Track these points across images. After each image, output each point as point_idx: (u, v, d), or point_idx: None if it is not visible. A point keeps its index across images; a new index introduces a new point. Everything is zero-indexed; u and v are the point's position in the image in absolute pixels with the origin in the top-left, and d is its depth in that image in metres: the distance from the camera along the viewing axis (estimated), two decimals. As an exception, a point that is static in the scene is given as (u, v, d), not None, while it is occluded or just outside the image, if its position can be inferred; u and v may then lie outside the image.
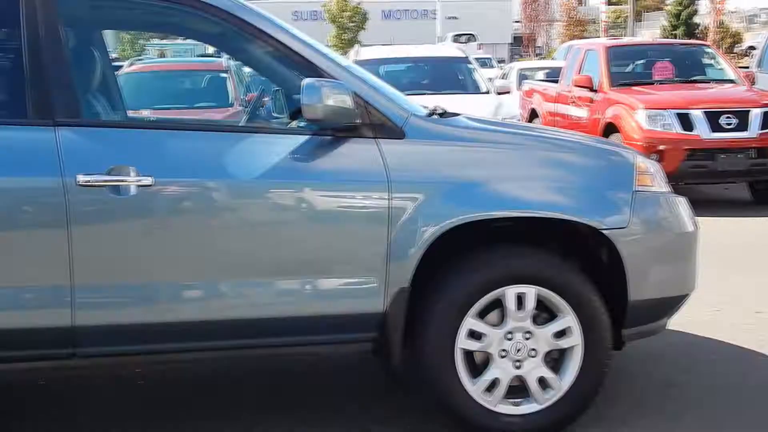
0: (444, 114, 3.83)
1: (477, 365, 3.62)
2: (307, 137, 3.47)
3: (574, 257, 3.81)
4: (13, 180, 3.26)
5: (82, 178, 3.23)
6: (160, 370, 4.39)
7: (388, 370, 3.67)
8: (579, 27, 50.30)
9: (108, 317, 3.36)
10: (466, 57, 12.17)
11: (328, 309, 3.49)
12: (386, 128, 3.49)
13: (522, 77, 17.61)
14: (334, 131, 3.44)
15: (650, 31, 46.48)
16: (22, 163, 3.26)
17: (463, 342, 3.55)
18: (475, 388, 3.58)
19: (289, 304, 3.49)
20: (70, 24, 3.60)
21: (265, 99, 4.73)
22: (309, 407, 4.07)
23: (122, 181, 3.27)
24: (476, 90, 11.14)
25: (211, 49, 18.22)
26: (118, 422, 3.94)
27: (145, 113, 7.71)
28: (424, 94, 9.54)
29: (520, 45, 55.84)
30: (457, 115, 3.91)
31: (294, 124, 3.71)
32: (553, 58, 23.98)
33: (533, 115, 13.70)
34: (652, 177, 3.81)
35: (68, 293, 3.27)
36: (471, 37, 44.44)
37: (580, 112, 11.40)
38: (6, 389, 4.27)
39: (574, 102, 11.70)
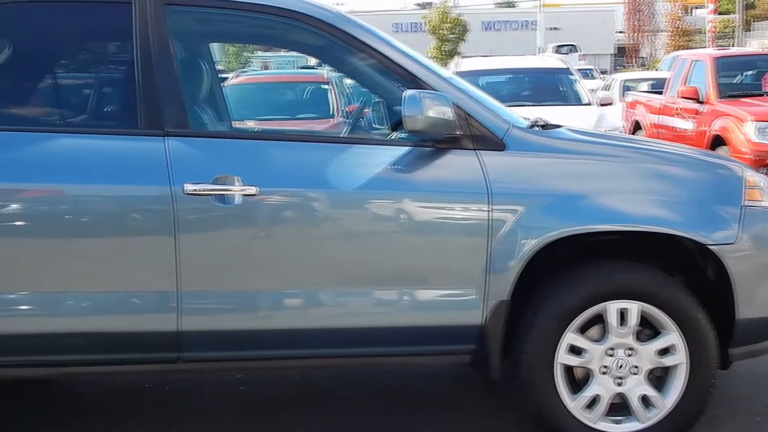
0: (545, 126, 3.80)
1: (577, 381, 3.57)
2: (407, 148, 3.49)
3: (678, 273, 3.71)
4: (124, 188, 3.37)
5: (189, 187, 3.32)
6: (260, 376, 4.48)
7: (485, 383, 3.64)
8: (685, 37, 49.08)
9: (211, 323, 3.44)
10: (568, 68, 12.02)
11: (425, 320, 3.49)
12: (487, 140, 3.48)
13: (625, 88, 17.31)
14: (434, 142, 3.45)
15: (760, 41, 45.00)
16: (132, 171, 3.37)
17: (563, 357, 3.50)
18: (574, 405, 3.53)
19: (387, 315, 3.50)
20: (180, 38, 3.71)
21: (366, 110, 4.77)
22: (405, 419, 4.07)
23: (227, 190, 3.34)
24: (578, 101, 10.99)
25: (313, 61, 18.49)
26: (222, 426, 4.02)
27: (250, 124, 7.86)
28: (525, 105, 9.45)
29: (623, 55, 54.81)
30: (558, 126, 3.88)
31: (395, 135, 3.72)
32: (657, 69, 23.49)
33: (637, 127, 13.43)
34: (762, 192, 3.69)
35: (175, 299, 3.36)
36: (573, 48, 43.89)
37: (686, 124, 11.12)
38: (114, 391, 4.41)
39: (679, 114, 11.42)
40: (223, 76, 12.13)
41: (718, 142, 9.89)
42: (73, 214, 3.36)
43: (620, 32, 56.18)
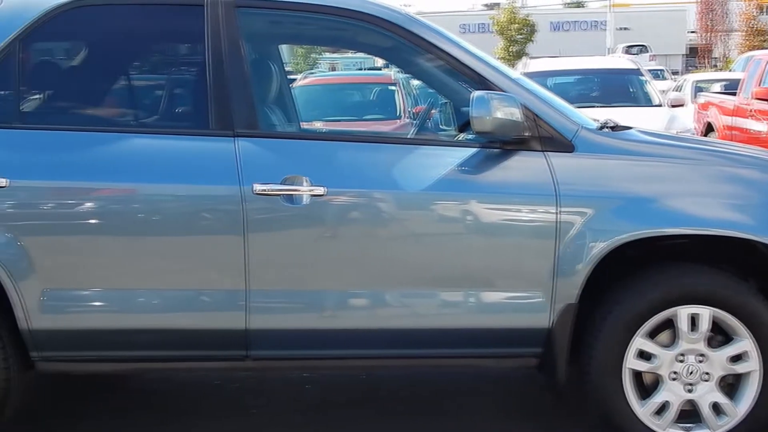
0: (615, 127, 3.75)
1: (646, 387, 3.51)
2: (475, 150, 3.48)
3: (751, 278, 3.63)
4: (195, 188, 3.43)
5: (258, 187, 3.36)
6: (326, 375, 4.52)
7: (552, 387, 3.61)
8: (759, 37, 47.90)
9: (279, 322, 3.48)
10: (638, 69, 11.84)
11: (492, 322, 3.48)
12: (555, 141, 3.45)
13: (697, 89, 16.96)
14: (502, 144, 3.43)
15: (839, 41, 43.72)
16: (203, 172, 3.43)
17: (631, 362, 3.45)
18: (643, 411, 3.47)
19: (453, 316, 3.50)
20: (250, 39, 3.76)
21: (434, 111, 4.77)
22: (471, 420, 4.06)
23: (296, 190, 3.37)
24: (648, 103, 10.82)
25: (380, 62, 18.56)
26: (286, 424, 4.06)
27: (317, 125, 7.92)
28: (594, 107, 9.34)
29: (695, 56, 53.77)
30: (629, 128, 3.82)
31: (462, 136, 3.72)
32: (730, 70, 22.98)
33: (709, 128, 13.16)
34: None
35: (243, 297, 3.41)
36: (643, 48, 43.18)
37: (760, 126, 10.86)
38: (183, 388, 4.49)
39: (753, 115, 11.15)
40: (292, 77, 12.25)
41: (793, 144, 9.63)
42: (145, 213, 3.43)
43: (692, 32, 55.10)
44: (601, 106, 9.57)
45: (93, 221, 3.44)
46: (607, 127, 3.71)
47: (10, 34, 3.49)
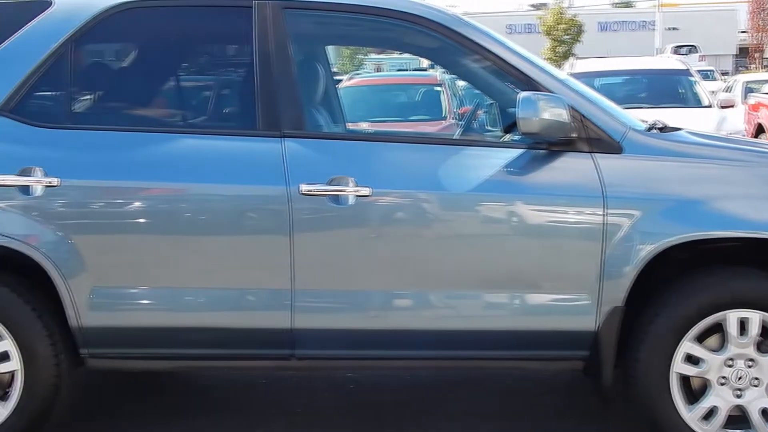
0: (664, 128, 3.71)
1: (694, 391, 3.47)
2: (521, 151, 3.46)
3: None
4: (242, 188, 3.46)
5: (304, 188, 3.38)
6: (370, 375, 4.53)
7: (598, 390, 3.58)
8: (814, 36, 47.05)
9: (324, 321, 3.49)
10: (687, 69, 11.69)
11: (537, 324, 3.46)
12: (603, 142, 3.42)
13: (747, 90, 16.70)
14: (548, 145, 3.41)
15: None
16: (250, 172, 3.46)
17: (679, 366, 3.41)
18: (691, 416, 3.43)
19: (498, 318, 3.48)
20: (298, 40, 3.78)
21: (480, 112, 4.76)
22: (518, 421, 4.04)
23: (342, 191, 3.39)
24: (698, 104, 10.67)
25: (425, 63, 18.55)
26: (330, 422, 4.08)
27: (363, 126, 7.94)
28: (642, 107, 9.23)
29: (746, 56, 52.91)
30: (678, 129, 3.78)
31: (508, 137, 3.71)
32: (783, 70, 22.58)
33: (759, 130, 12.96)
34: None
35: (289, 297, 3.43)
36: (692, 49, 42.58)
37: (813, 128, 10.66)
38: (228, 386, 4.53)
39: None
40: (338, 78, 12.29)
41: None
42: (192, 212, 3.47)
43: (743, 32, 54.24)
44: (649, 107, 9.46)
45: (142, 220, 3.49)
46: (655, 129, 3.67)
47: (63, 35, 3.55)
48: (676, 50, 39.56)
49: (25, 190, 3.41)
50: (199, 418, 4.14)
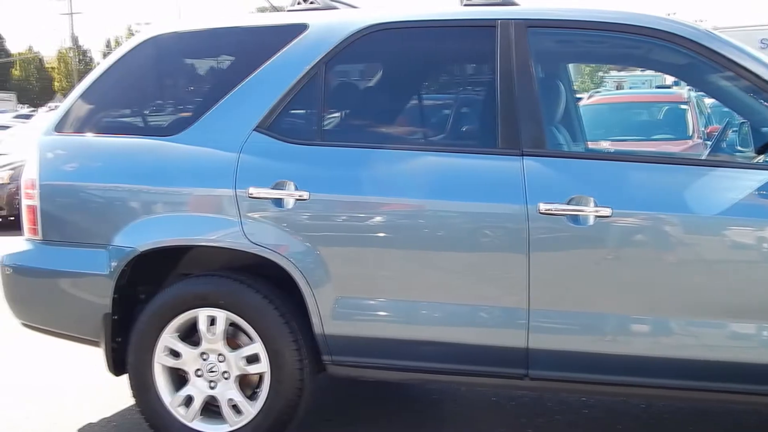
0: None
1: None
2: (775, 173, 3.26)
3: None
4: (480, 205, 3.49)
5: (543, 206, 3.36)
6: (604, 401, 4.41)
7: None
8: None
9: (559, 343, 3.44)
10: None
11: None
12: None
13: None
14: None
15: None
16: (489, 189, 3.48)
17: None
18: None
19: (744, 349, 3.30)
20: (541, 59, 3.77)
21: (729, 131, 4.52)
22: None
23: (581, 211, 3.33)
24: None
25: (669, 80, 17.86)
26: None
27: (603, 144, 7.77)
28: None
29: None
30: None
31: (761, 158, 3.50)
32: None
33: None
34: None
35: (524, 316, 3.41)
36: None
37: None
38: (459, 402, 4.57)
39: None
40: (578, 96, 12.11)
41: None
42: (430, 227, 3.54)
43: None
44: None
45: (382, 234, 3.60)
46: None
47: (316, 57, 3.74)
48: None
49: (278, 202, 3.62)
50: (428, 429, 4.20)
